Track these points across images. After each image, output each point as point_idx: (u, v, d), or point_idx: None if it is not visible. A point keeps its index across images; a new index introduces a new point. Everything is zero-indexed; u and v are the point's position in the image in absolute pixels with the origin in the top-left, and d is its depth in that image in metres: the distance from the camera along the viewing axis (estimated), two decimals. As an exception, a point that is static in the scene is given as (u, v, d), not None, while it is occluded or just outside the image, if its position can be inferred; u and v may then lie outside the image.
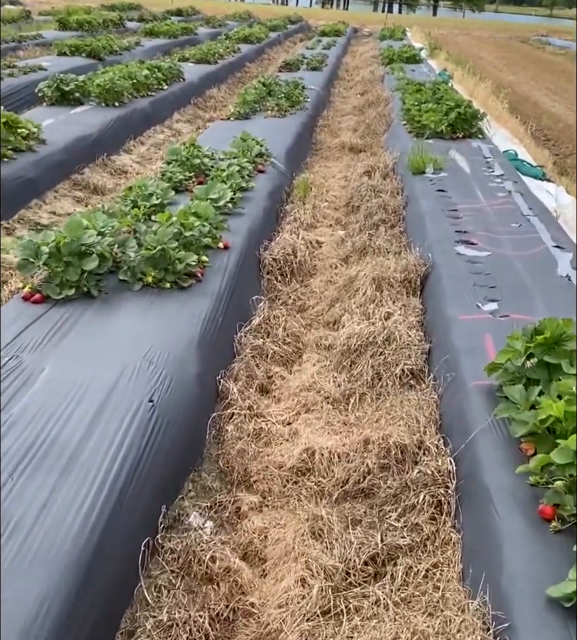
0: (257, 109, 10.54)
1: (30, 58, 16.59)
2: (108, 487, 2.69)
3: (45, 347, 3.58)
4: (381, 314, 4.54)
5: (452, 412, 3.51)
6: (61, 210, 7.06)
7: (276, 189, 7.12)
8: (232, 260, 4.97)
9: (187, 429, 3.41)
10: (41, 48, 18.09)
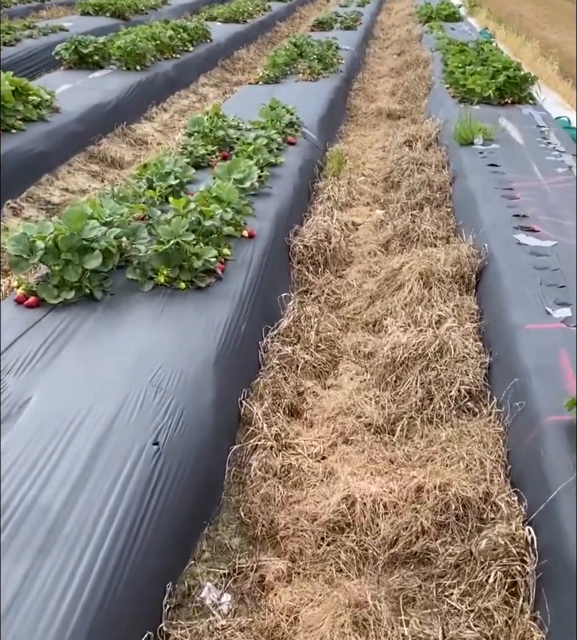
0: (288, 72, 9.81)
1: (53, 18, 15.97)
2: (98, 568, 2.13)
3: (35, 367, 3.01)
4: (430, 317, 3.90)
5: (524, 455, 2.88)
6: (75, 187, 6.48)
7: (308, 163, 6.45)
8: (257, 251, 4.34)
9: (201, 473, 2.84)
10: (65, 7, 17.39)
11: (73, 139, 6.97)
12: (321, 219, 5.34)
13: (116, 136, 7.87)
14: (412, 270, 4.35)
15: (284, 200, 5.29)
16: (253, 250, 4.33)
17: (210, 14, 15.79)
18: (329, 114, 8.26)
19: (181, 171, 5.06)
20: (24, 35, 11.36)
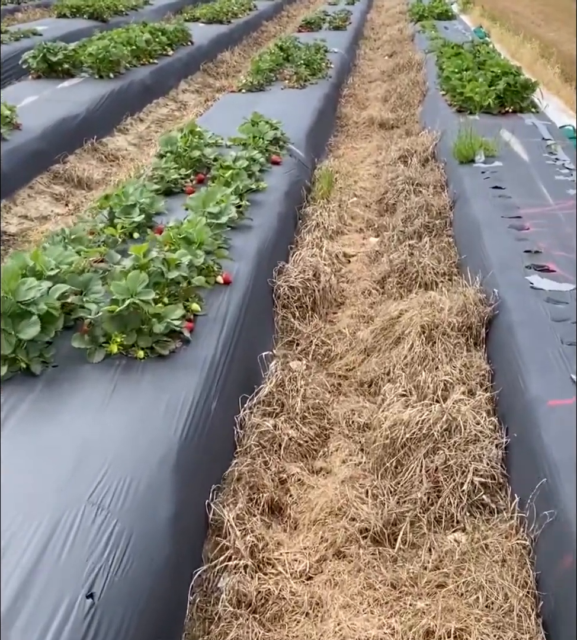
0: (273, 79, 9.20)
1: (29, 21, 15.31)
2: None
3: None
4: (435, 384, 3.31)
5: (559, 588, 2.29)
6: (35, 213, 5.86)
7: (294, 186, 5.85)
8: (234, 301, 3.74)
9: (153, 617, 2.24)
10: (43, 9, 16.71)
11: (35, 159, 6.36)
12: (308, 254, 4.74)
13: (85, 152, 7.25)
14: (412, 322, 3.76)
15: (267, 233, 4.68)
16: (229, 300, 3.73)
17: (193, 15, 15.16)
18: (317, 126, 7.66)
19: (148, 202, 4.45)
20: (-8, 41, 10.71)
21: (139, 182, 5.07)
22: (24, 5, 16.75)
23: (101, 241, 4.11)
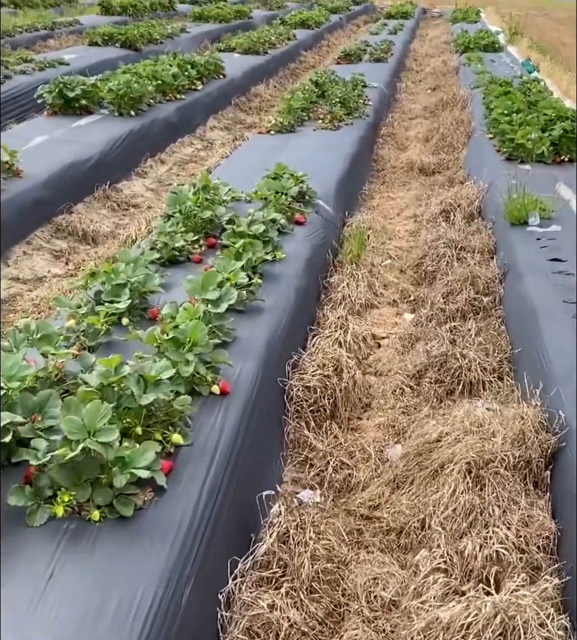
0: (305, 118, 8.51)
1: (61, 48, 14.95)
2: None
3: None
4: (484, 557, 2.52)
5: None
6: (29, 273, 5.21)
7: (319, 250, 5.11)
8: (232, 418, 3.01)
9: None
10: (76, 36, 16.33)
11: (35, 210, 5.74)
12: (329, 342, 3.99)
13: (96, 200, 6.61)
14: (455, 455, 2.97)
15: (281, 316, 3.95)
16: (225, 418, 2.99)
17: (228, 45, 14.62)
18: (350, 175, 6.93)
19: (142, 280, 3.75)
20: (16, 71, 10.22)
21: (137, 252, 4.39)
22: (58, 31, 16.39)
23: (81, 331, 3.43)
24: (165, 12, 23.22)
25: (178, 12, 23.91)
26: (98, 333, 3.38)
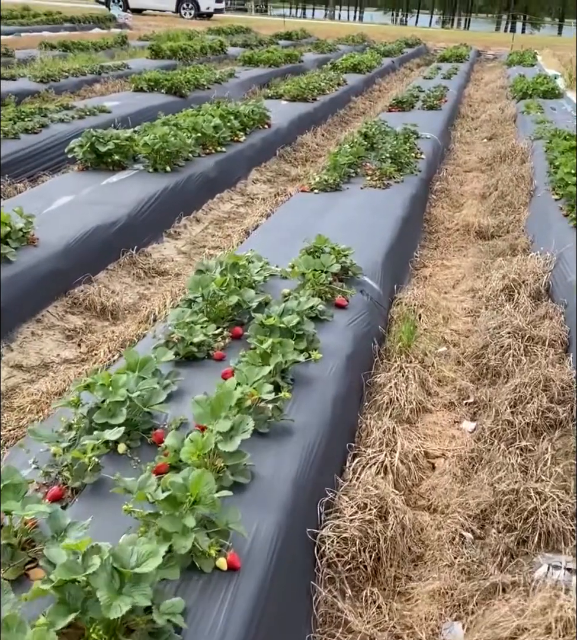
0: (352, 174, 7.89)
1: (108, 93, 14.70)
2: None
3: None
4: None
5: None
6: (35, 359, 4.63)
7: (362, 341, 4.43)
8: (241, 606, 2.31)
9: None
10: (123, 80, 16.11)
11: (49, 283, 5.19)
12: (373, 472, 3.29)
13: (120, 267, 6.06)
14: None
15: (314, 440, 3.26)
16: (232, 605, 2.30)
17: (276, 92, 14.14)
18: (400, 241, 6.26)
19: (146, 395, 3.11)
20: (54, 119, 9.86)
21: (151, 342, 3.78)
22: (105, 75, 16.19)
23: (64, 465, 2.81)
24: (216, 56, 23.07)
25: (229, 55, 23.77)
26: (84, 470, 2.75)
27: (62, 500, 2.72)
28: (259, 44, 26.98)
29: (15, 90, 12.62)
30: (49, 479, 2.79)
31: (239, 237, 7.04)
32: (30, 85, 13.50)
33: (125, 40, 24.27)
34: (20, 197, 6.84)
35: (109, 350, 4.62)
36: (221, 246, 6.98)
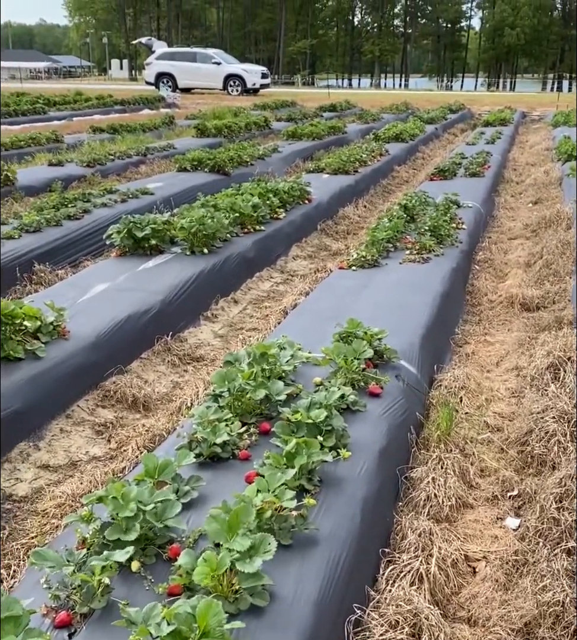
0: (391, 249, 7.77)
1: (153, 174, 14.99)
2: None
3: None
4: None
5: None
6: (62, 457, 4.54)
7: (397, 432, 4.22)
8: None
9: None
10: (169, 161, 16.43)
11: (79, 377, 5.14)
12: (405, 586, 3.06)
13: (155, 355, 6.00)
14: None
15: (341, 552, 3.05)
16: None
17: (318, 165, 14.22)
18: (439, 318, 6.07)
19: (160, 509, 2.97)
20: (97, 204, 10.03)
21: (174, 441, 3.66)
22: (150, 157, 16.54)
23: (72, 587, 2.67)
24: (261, 131, 23.47)
25: (273, 130, 24.15)
26: (93, 593, 2.60)
27: (70, 627, 2.58)
28: (304, 117, 27.39)
29: (62, 176, 12.93)
30: (58, 601, 2.65)
31: (276, 318, 6.95)
32: (77, 170, 13.83)
33: (172, 120, 24.92)
34: (57, 287, 6.89)
35: (137, 447, 4.50)
36: (259, 328, 6.88)
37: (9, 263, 7.39)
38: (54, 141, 17.98)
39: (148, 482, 3.16)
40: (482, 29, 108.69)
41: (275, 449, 3.58)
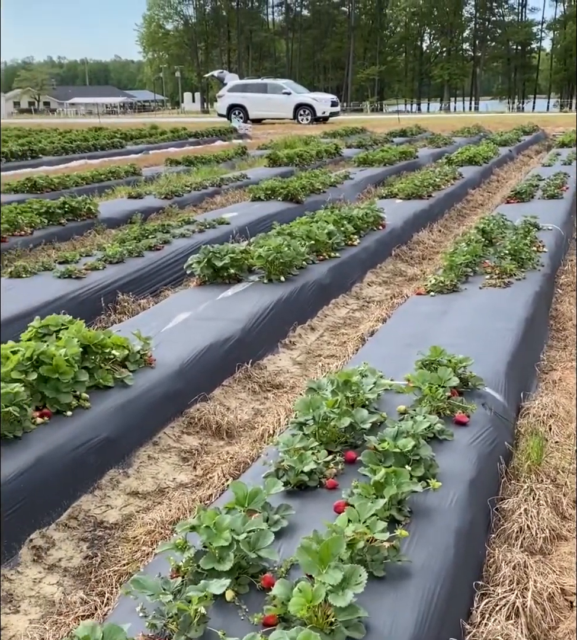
0: (470, 273, 7.66)
1: (228, 204, 15.24)
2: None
3: None
4: None
5: None
6: (150, 484, 4.62)
7: (486, 461, 4.13)
8: None
9: None
10: (242, 191, 16.67)
11: (166, 404, 5.23)
12: (501, 620, 2.97)
13: (236, 382, 6.06)
14: None
15: (435, 584, 2.97)
16: None
17: (390, 191, 14.19)
18: (524, 345, 5.94)
19: (253, 538, 2.97)
20: (176, 235, 10.25)
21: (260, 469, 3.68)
22: (225, 187, 16.81)
23: (169, 616, 2.69)
24: (332, 158, 23.58)
25: (344, 156, 24.24)
26: (190, 623, 2.62)
27: (168, 655, 2.61)
28: (374, 143, 27.42)
29: (141, 208, 13.27)
30: (155, 630, 2.68)
31: (354, 344, 6.92)
32: (155, 202, 14.17)
33: (244, 150, 25.32)
34: (140, 316, 7.05)
35: (223, 474, 4.54)
36: (336, 354, 6.87)
37: (94, 293, 7.62)
38: (132, 174, 18.49)
39: (238, 511, 3.18)
40: (553, 50, 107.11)
41: (362, 479, 3.55)
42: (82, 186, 16.18)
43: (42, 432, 4.29)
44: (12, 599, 3.57)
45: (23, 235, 10.92)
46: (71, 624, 3.31)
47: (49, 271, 8.08)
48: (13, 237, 10.69)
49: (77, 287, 7.58)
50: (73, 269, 7.92)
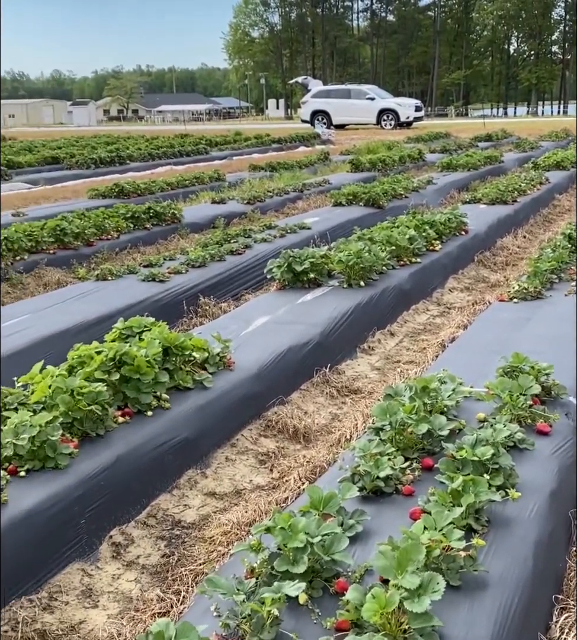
0: (556, 280, 7.45)
1: (310, 209, 15.30)
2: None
3: None
4: None
5: None
6: (228, 485, 4.68)
7: (569, 473, 4.00)
8: None
9: None
10: (324, 196, 16.70)
11: (244, 407, 5.29)
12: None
13: (313, 386, 6.08)
14: None
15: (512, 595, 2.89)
16: None
17: (474, 196, 13.95)
18: (611, 354, 5.72)
19: (328, 542, 2.97)
20: (257, 239, 10.37)
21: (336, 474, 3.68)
22: (307, 193, 16.89)
23: (242, 617, 2.72)
24: (414, 164, 23.35)
25: (427, 162, 23.97)
26: (263, 624, 2.64)
27: (240, 656, 2.64)
28: (458, 148, 26.99)
29: (224, 213, 13.48)
30: (228, 630, 2.72)
31: (434, 351, 6.83)
32: (238, 207, 14.37)
33: (327, 156, 25.35)
34: (221, 319, 7.17)
35: (299, 478, 4.56)
36: (416, 361, 6.80)
37: (177, 296, 7.79)
38: (216, 180, 18.80)
39: (313, 514, 3.18)
40: None
41: (439, 486, 3.51)
42: (167, 191, 16.57)
43: (124, 431, 4.41)
44: (92, 594, 3.68)
45: (110, 239, 11.28)
46: (147, 621, 3.38)
47: (133, 274, 8.31)
48: (100, 240, 11.06)
49: (161, 290, 7.78)
50: (157, 273, 8.12)
